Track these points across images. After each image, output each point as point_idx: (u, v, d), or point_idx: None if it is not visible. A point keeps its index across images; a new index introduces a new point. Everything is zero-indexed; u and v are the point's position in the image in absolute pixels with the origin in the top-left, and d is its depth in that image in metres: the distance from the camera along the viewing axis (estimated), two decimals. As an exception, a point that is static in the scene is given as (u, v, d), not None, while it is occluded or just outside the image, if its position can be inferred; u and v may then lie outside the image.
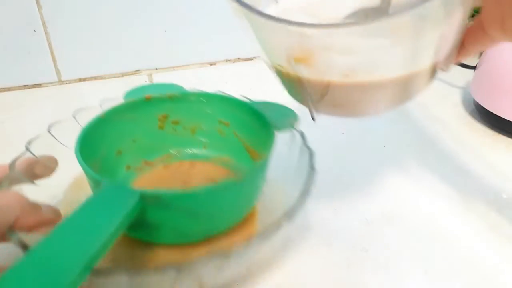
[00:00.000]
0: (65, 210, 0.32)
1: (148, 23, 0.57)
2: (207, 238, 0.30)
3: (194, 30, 0.59)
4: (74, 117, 0.36)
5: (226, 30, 0.60)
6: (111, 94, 0.54)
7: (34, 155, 0.33)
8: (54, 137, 0.35)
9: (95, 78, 0.58)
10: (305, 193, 0.28)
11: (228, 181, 0.27)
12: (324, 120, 0.35)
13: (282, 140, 0.34)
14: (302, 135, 0.34)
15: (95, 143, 0.33)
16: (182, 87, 0.39)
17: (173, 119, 0.39)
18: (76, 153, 0.29)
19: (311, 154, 0.32)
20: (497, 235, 0.35)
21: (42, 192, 0.31)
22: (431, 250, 0.33)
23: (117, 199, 0.24)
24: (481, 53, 0.53)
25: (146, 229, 0.28)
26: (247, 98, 0.38)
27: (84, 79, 0.58)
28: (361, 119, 0.50)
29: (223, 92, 0.38)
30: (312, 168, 0.30)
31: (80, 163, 0.28)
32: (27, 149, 0.33)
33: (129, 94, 0.38)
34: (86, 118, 0.34)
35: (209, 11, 0.58)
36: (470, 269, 0.32)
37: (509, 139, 0.46)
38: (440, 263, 0.32)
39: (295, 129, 0.35)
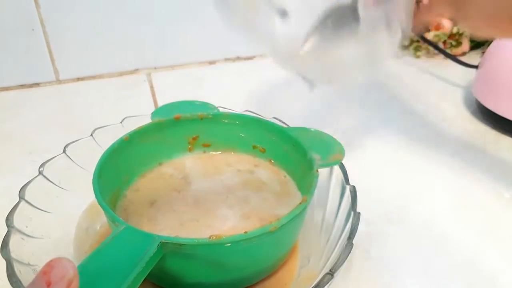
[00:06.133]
0: (80, 237, 0.31)
1: (147, 22, 0.57)
2: None
3: (193, 29, 0.59)
4: (92, 136, 0.34)
5: (225, 29, 0.60)
6: (109, 94, 0.54)
7: (47, 178, 0.31)
8: (70, 158, 0.33)
9: (94, 77, 0.58)
10: (348, 247, 0.25)
11: (260, 231, 0.24)
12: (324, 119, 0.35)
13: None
14: (343, 168, 0.31)
15: (117, 167, 0.31)
16: (214, 106, 0.36)
17: (203, 141, 0.36)
18: (93, 184, 0.27)
19: (353, 197, 0.29)
20: (499, 235, 0.34)
21: (56, 219, 0.30)
22: (432, 250, 0.33)
23: (135, 245, 0.22)
24: (483, 52, 0.53)
25: (169, 278, 0.26)
26: (284, 123, 0.36)
27: (83, 79, 0.58)
28: (359, 119, 0.49)
29: (258, 115, 0.36)
30: (355, 213, 0.28)
31: (97, 198, 0.26)
32: (40, 172, 0.31)
33: (156, 112, 0.35)
34: (105, 137, 0.32)
35: (208, 9, 0.58)
36: (471, 269, 0.31)
37: (511, 138, 0.46)
38: (441, 263, 0.32)
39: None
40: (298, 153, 0.31)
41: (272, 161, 0.35)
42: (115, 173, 0.30)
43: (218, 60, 0.62)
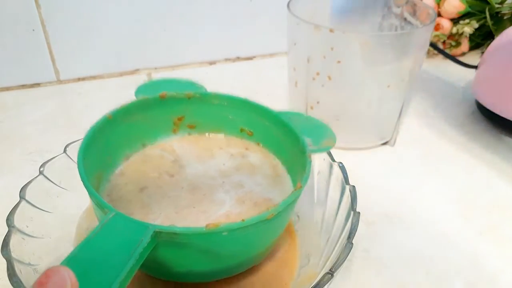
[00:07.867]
0: (80, 237, 0.30)
1: (147, 22, 0.57)
2: (228, 277, 0.27)
3: (193, 29, 0.59)
4: None
5: (225, 29, 0.60)
6: (110, 94, 0.54)
7: (48, 178, 0.31)
8: (70, 158, 0.32)
9: (94, 77, 0.58)
10: (348, 246, 0.25)
11: (257, 219, 0.23)
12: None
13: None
14: (342, 168, 0.31)
15: (100, 148, 0.29)
16: (201, 86, 0.34)
17: (189, 122, 0.34)
18: (79, 166, 0.25)
19: (353, 197, 0.29)
20: (498, 235, 0.34)
21: (56, 218, 0.30)
22: (433, 250, 0.33)
23: (127, 234, 0.21)
24: (482, 53, 0.53)
25: (161, 267, 0.25)
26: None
27: (83, 79, 0.58)
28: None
29: (249, 99, 0.34)
30: (354, 213, 0.27)
31: (83, 182, 0.25)
32: (41, 172, 0.30)
33: (140, 89, 0.32)
34: None
35: (208, 9, 0.58)
36: (471, 269, 0.31)
37: (511, 138, 0.46)
38: (441, 263, 0.32)
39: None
40: (288, 137, 0.30)
41: (260, 144, 0.34)
42: (97, 155, 0.28)
43: (218, 60, 0.62)
